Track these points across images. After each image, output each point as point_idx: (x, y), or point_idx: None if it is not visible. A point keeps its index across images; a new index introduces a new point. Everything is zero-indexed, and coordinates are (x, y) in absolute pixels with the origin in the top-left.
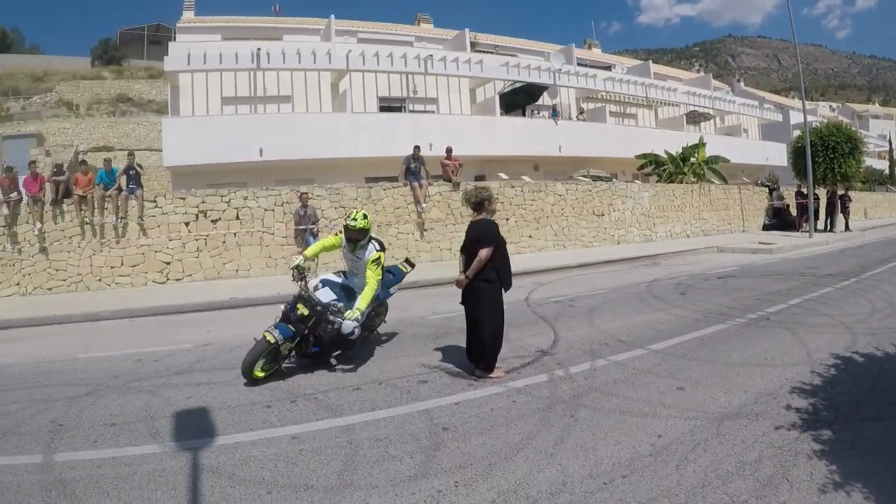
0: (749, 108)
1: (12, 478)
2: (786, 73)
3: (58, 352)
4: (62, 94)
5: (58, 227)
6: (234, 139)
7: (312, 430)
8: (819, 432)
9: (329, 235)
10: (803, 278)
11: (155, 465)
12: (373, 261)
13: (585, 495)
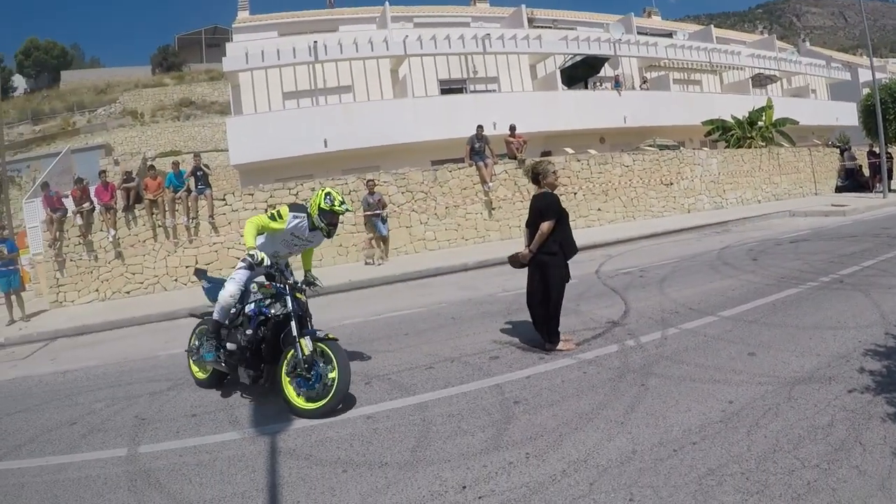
0: (816, 68)
1: (99, 471)
2: (853, 30)
3: (138, 351)
4: (126, 104)
5: (131, 232)
6: (298, 133)
7: (386, 410)
8: (893, 395)
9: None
10: (877, 239)
11: (234, 450)
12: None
13: (655, 462)
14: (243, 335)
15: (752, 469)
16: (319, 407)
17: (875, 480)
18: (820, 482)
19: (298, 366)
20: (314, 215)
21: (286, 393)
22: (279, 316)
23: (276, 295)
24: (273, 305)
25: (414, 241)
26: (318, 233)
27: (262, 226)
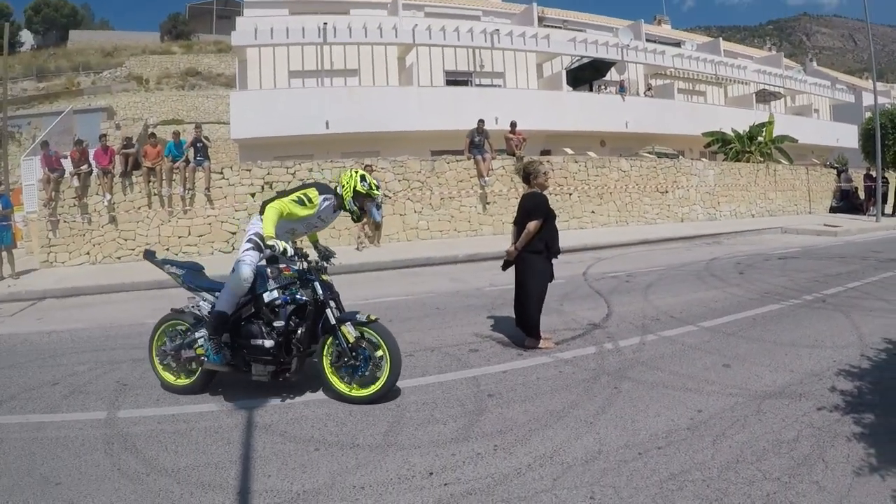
0: (820, 88)
1: (78, 432)
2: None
3: (125, 317)
4: (132, 69)
5: (127, 198)
6: (301, 112)
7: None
8: (861, 415)
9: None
10: (865, 262)
11: (212, 421)
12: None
13: (619, 464)
14: (269, 328)
15: (714, 477)
16: (374, 392)
17: (834, 497)
18: (779, 495)
19: (344, 355)
20: (348, 198)
21: (335, 385)
22: (312, 303)
23: (302, 280)
24: (302, 291)
25: (407, 230)
26: (337, 213)
27: (288, 213)
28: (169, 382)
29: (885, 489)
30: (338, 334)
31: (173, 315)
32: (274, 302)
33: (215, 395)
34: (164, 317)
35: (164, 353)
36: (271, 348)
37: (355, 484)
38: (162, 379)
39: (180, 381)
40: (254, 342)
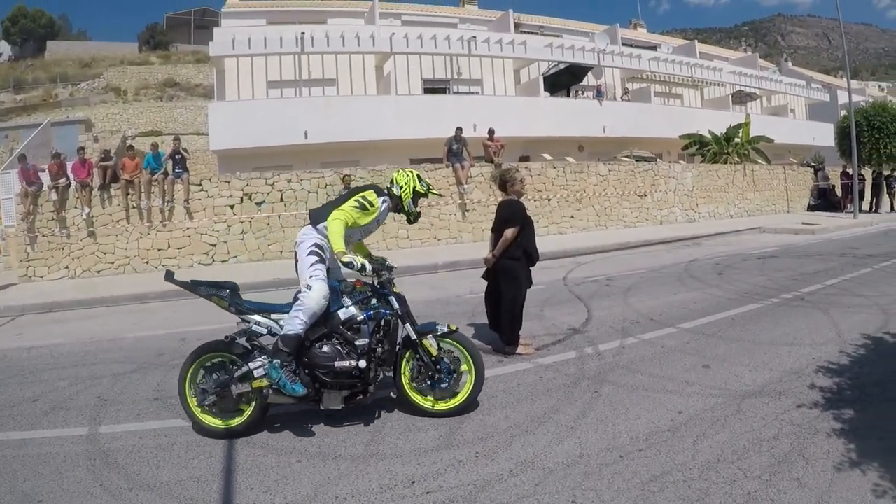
0: (796, 88)
1: (59, 448)
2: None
3: (105, 332)
4: (110, 80)
5: (105, 211)
6: (279, 123)
7: None
8: (841, 411)
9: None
10: (843, 259)
11: (193, 435)
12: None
13: (600, 467)
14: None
15: (695, 477)
16: (458, 404)
17: (815, 494)
18: (760, 493)
19: (427, 368)
20: (408, 199)
21: (415, 401)
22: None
23: (377, 294)
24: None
25: (386, 239)
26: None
27: (353, 222)
28: (211, 426)
29: (866, 483)
30: (418, 348)
31: (213, 346)
32: (354, 319)
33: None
34: (198, 349)
35: (205, 391)
36: (365, 368)
37: (338, 495)
38: (200, 423)
39: (227, 423)
40: (339, 364)
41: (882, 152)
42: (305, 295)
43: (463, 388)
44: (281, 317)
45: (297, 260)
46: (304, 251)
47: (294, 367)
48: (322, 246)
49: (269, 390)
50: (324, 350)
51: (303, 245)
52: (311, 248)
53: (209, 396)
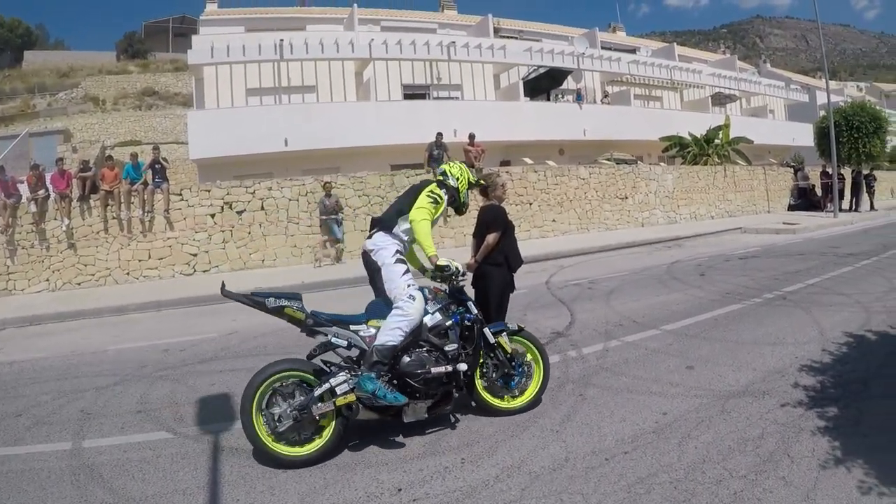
0: (775, 89)
1: (43, 464)
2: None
3: (87, 344)
4: (88, 90)
5: (85, 222)
6: (259, 130)
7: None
8: (824, 409)
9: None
10: (824, 258)
11: (178, 448)
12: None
13: (587, 470)
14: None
15: (681, 478)
16: (529, 400)
17: (800, 491)
18: (746, 492)
19: (503, 366)
20: (464, 189)
21: (489, 402)
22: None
23: (455, 299)
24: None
25: None
26: None
27: (432, 219)
28: (287, 456)
29: (851, 480)
30: (495, 348)
31: (283, 364)
32: (441, 325)
33: (180, 420)
34: (265, 369)
35: (278, 416)
36: (455, 373)
37: None
38: (272, 453)
39: (306, 450)
40: (435, 370)
41: (861, 151)
42: (409, 305)
43: (531, 383)
44: (360, 327)
45: (371, 267)
46: (389, 259)
47: (388, 378)
48: (402, 252)
49: (358, 405)
50: (414, 358)
51: (383, 253)
52: (396, 255)
53: (284, 422)
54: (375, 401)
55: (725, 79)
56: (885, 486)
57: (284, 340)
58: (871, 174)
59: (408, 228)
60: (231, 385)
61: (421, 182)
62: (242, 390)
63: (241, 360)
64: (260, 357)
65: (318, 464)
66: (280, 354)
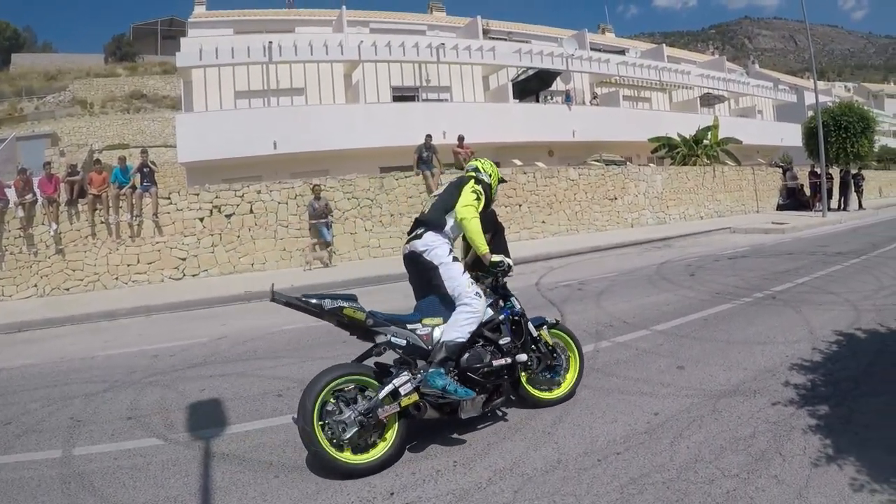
0: (763, 90)
1: (33, 472)
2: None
3: (76, 350)
4: (76, 93)
5: (73, 227)
6: (248, 133)
7: None
8: (816, 408)
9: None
10: (813, 257)
11: (169, 454)
12: None
13: (579, 472)
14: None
15: (674, 478)
16: (569, 389)
17: (793, 489)
18: (739, 491)
19: (546, 358)
20: (495, 185)
21: (533, 394)
22: (521, 316)
23: (502, 295)
24: (511, 305)
25: (358, 248)
26: None
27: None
28: (356, 464)
29: (843, 478)
30: (537, 341)
31: (342, 369)
32: (494, 320)
33: (171, 426)
34: (322, 375)
35: (345, 424)
36: (512, 365)
37: None
38: (339, 463)
39: (370, 455)
40: (496, 363)
41: (849, 151)
42: (476, 301)
43: (568, 375)
44: (415, 326)
45: (420, 268)
46: (446, 258)
47: (455, 373)
48: (503, 263)
49: (426, 405)
50: (473, 353)
51: (438, 252)
52: (451, 254)
53: (350, 429)
54: (443, 397)
55: (714, 79)
56: (877, 483)
57: (274, 345)
58: (860, 173)
59: (453, 226)
60: (221, 390)
61: (458, 179)
62: (233, 395)
63: (231, 365)
64: (250, 361)
65: (381, 471)
66: (270, 359)
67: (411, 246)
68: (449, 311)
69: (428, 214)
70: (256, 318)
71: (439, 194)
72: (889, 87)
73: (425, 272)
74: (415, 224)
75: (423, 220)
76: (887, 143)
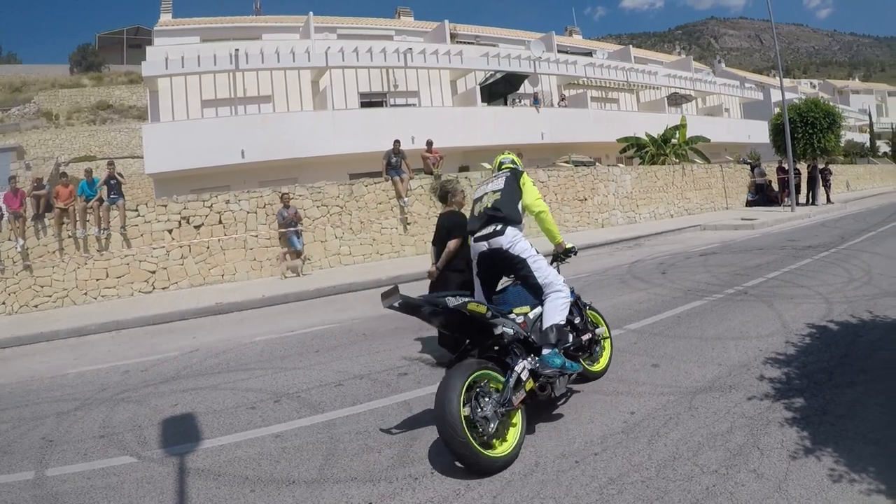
0: (730, 88)
1: (5, 495)
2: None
3: (46, 369)
4: (41, 105)
5: (40, 242)
6: (216, 142)
7: (295, 428)
8: (791, 401)
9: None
10: (783, 251)
11: (143, 472)
12: None
13: (557, 474)
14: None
15: (652, 477)
16: (606, 365)
17: (772, 483)
18: (718, 487)
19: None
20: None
21: (585, 366)
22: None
23: None
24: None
25: (329, 256)
26: None
27: None
28: (498, 457)
29: (822, 469)
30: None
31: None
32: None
33: (144, 443)
34: (455, 374)
35: (487, 418)
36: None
37: None
38: (486, 461)
39: (509, 444)
40: (584, 339)
41: (816, 146)
42: (566, 288)
43: (605, 352)
44: (512, 316)
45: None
46: (531, 250)
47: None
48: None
49: (551, 386)
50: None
51: (522, 245)
52: (533, 247)
53: (491, 423)
54: (561, 373)
55: (681, 79)
56: (856, 473)
57: (246, 357)
58: (827, 168)
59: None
60: (194, 404)
61: (506, 172)
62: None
63: (203, 379)
64: (223, 374)
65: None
66: (243, 371)
67: (492, 243)
68: (532, 300)
69: (504, 211)
70: (228, 331)
71: (499, 189)
72: (854, 83)
73: (510, 266)
74: (487, 220)
75: (499, 216)
76: (853, 137)
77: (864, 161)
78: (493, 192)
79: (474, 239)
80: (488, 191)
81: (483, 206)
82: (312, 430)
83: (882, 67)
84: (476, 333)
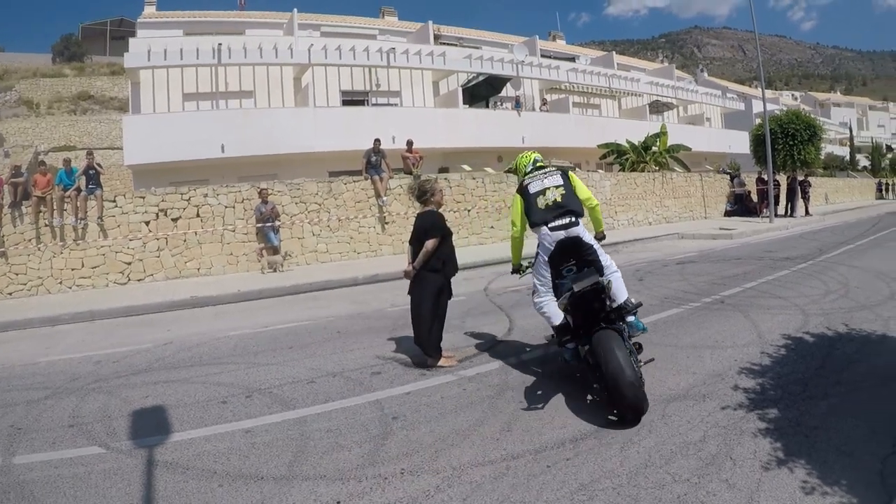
0: (711, 98)
1: None
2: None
3: (18, 357)
4: (22, 93)
5: (17, 230)
6: (196, 136)
7: (265, 424)
8: (765, 411)
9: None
10: (761, 262)
11: (111, 463)
12: None
13: (528, 478)
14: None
15: (624, 484)
16: None
17: (744, 493)
18: (689, 496)
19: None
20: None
21: None
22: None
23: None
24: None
25: (306, 253)
26: None
27: None
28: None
29: (794, 480)
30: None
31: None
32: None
33: (113, 434)
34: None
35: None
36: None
37: None
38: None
39: None
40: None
41: (796, 158)
42: (617, 273)
43: None
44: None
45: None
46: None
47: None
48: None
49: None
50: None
51: (588, 236)
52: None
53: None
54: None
55: (663, 87)
56: (828, 486)
57: (219, 351)
58: (806, 180)
59: None
60: (165, 397)
61: (552, 169)
62: (177, 402)
63: (175, 372)
64: (195, 367)
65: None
66: (215, 365)
67: (570, 232)
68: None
69: (574, 206)
70: (202, 324)
71: (560, 185)
72: (835, 96)
73: (582, 251)
74: (561, 213)
75: (570, 210)
76: (833, 150)
77: (843, 174)
78: (556, 188)
79: (550, 228)
80: (549, 186)
81: (551, 199)
82: (283, 426)
83: (864, 81)
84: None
